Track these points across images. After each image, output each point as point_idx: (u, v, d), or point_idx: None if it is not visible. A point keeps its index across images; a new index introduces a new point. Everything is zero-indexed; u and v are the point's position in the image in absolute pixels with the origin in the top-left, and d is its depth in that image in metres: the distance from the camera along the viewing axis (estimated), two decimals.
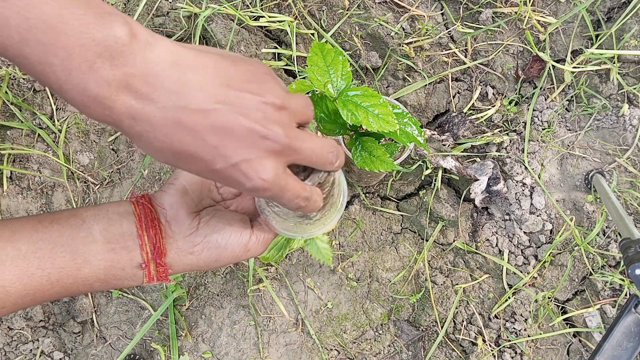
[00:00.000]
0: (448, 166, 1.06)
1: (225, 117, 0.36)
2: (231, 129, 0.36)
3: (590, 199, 1.07)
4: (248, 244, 0.50)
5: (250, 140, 0.37)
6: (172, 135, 0.35)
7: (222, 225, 0.49)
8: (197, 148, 0.36)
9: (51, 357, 1.04)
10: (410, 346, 1.06)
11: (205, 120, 0.35)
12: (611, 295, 1.04)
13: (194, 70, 0.35)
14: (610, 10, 1.11)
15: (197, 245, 0.48)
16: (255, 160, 0.37)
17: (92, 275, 0.45)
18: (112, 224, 0.46)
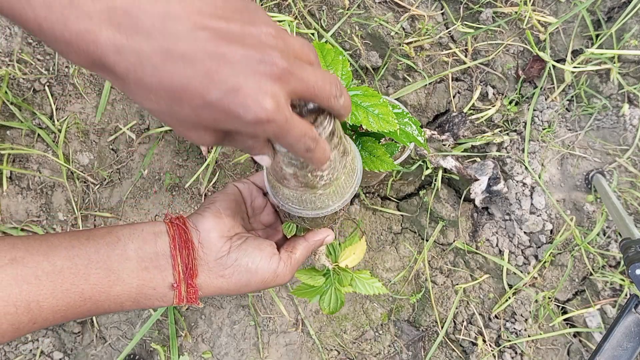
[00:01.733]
0: (448, 166, 1.06)
1: (217, 42, 0.32)
2: (223, 54, 0.32)
3: (591, 199, 1.07)
4: (277, 269, 0.51)
5: (245, 65, 0.32)
6: (161, 67, 0.31)
7: (253, 249, 0.50)
8: (189, 78, 0.32)
9: (51, 357, 1.04)
10: (410, 346, 1.06)
11: (195, 47, 0.31)
12: (611, 295, 1.04)
13: (180, 1, 0.32)
14: (610, 10, 1.11)
15: (227, 268, 0.49)
16: (253, 86, 0.32)
17: (124, 293, 0.45)
18: (146, 243, 0.47)
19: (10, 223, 1.05)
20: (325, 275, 0.70)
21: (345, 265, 0.70)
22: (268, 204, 0.61)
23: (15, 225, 1.05)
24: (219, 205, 0.52)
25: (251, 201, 0.58)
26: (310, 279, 0.68)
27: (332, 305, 0.70)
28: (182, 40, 0.31)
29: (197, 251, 0.48)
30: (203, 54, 0.32)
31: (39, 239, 0.44)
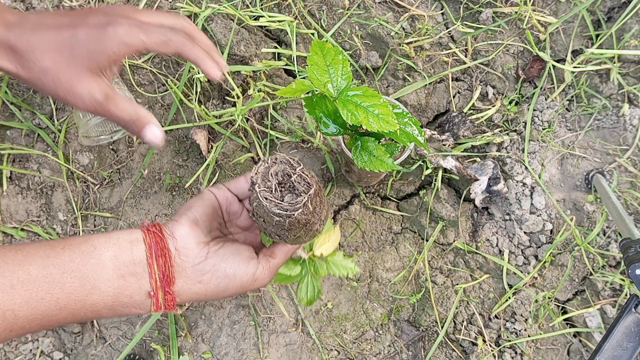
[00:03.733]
0: (448, 166, 1.06)
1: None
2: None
3: (591, 199, 1.07)
4: (256, 273, 0.51)
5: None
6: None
7: (230, 254, 0.51)
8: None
9: (51, 357, 1.04)
10: (410, 346, 1.06)
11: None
12: (611, 295, 1.04)
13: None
14: (610, 10, 1.11)
15: (205, 274, 0.49)
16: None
17: (101, 301, 0.45)
18: (122, 251, 0.47)
19: (10, 223, 1.05)
20: (301, 265, 0.70)
21: (320, 254, 0.70)
22: (245, 209, 0.61)
23: (15, 225, 1.05)
24: (195, 211, 0.52)
25: (227, 207, 0.58)
26: (287, 268, 0.67)
27: (310, 295, 0.70)
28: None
29: (173, 258, 0.48)
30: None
31: (14, 249, 0.44)
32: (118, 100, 0.51)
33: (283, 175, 0.46)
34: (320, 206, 0.49)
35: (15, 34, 0.48)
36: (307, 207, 0.45)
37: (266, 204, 0.45)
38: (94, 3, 1.08)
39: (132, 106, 0.52)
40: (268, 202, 0.45)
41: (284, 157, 0.47)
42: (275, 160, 0.47)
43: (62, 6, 1.09)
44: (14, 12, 0.50)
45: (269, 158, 0.47)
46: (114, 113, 0.50)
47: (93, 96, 0.49)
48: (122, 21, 0.48)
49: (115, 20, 0.48)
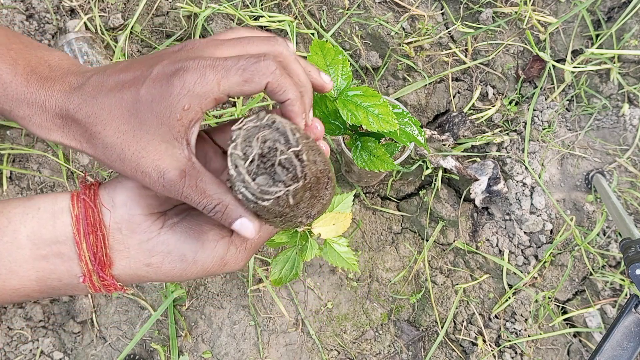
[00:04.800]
0: (448, 166, 1.06)
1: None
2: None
3: (591, 199, 1.07)
4: (226, 256, 0.41)
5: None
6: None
7: (192, 232, 0.40)
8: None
9: (51, 357, 1.04)
10: (410, 346, 1.06)
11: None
12: (611, 296, 1.04)
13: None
14: (610, 10, 1.11)
15: (155, 255, 0.39)
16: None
17: (23, 287, 0.38)
18: (42, 226, 0.38)
19: None
20: (291, 235, 0.59)
21: (318, 234, 0.60)
22: (226, 169, 0.48)
23: None
24: None
25: (204, 163, 0.44)
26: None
27: (284, 274, 0.60)
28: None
29: (112, 234, 0.38)
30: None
31: None
32: (200, 180, 0.37)
33: (271, 147, 0.35)
34: (309, 201, 0.38)
35: (75, 102, 0.37)
36: (283, 200, 0.35)
37: (233, 174, 0.35)
38: (95, 3, 1.08)
39: (221, 191, 0.37)
40: (236, 172, 0.35)
41: (284, 126, 0.35)
42: (272, 124, 0.36)
43: (62, 7, 1.09)
44: (79, 73, 0.40)
45: (268, 117, 0.36)
46: (193, 198, 0.37)
47: (162, 174, 0.36)
48: (191, 65, 0.36)
49: (183, 66, 0.36)
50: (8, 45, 0.41)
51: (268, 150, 0.35)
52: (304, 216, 0.40)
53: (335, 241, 0.62)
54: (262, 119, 0.36)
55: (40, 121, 0.39)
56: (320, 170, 0.38)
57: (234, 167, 0.35)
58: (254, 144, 0.35)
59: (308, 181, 0.36)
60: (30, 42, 0.43)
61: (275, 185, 0.35)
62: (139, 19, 1.10)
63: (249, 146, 0.35)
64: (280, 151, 0.35)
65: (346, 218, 0.61)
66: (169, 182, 0.36)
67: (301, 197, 0.36)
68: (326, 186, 0.39)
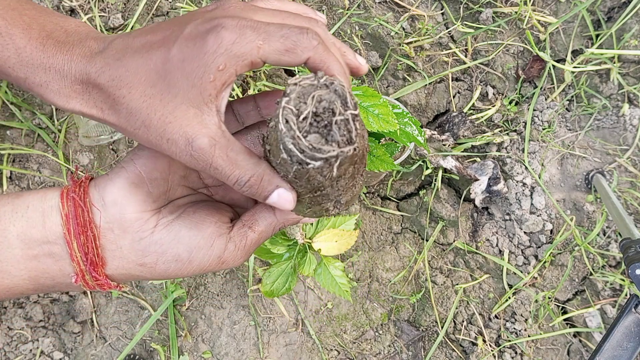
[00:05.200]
0: (448, 166, 1.06)
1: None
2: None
3: (591, 199, 1.07)
4: (223, 255, 0.39)
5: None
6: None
7: (188, 230, 0.38)
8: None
9: (51, 357, 1.04)
10: (410, 346, 1.06)
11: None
12: (611, 296, 1.04)
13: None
14: (610, 10, 1.11)
15: (149, 255, 0.37)
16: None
17: (17, 286, 0.37)
18: (32, 225, 0.36)
19: None
20: (289, 247, 0.56)
21: (319, 250, 0.57)
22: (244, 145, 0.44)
23: None
24: (142, 164, 0.38)
25: None
26: (271, 243, 0.55)
27: (276, 286, 0.57)
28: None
29: (103, 234, 0.36)
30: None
31: None
32: (231, 150, 0.34)
33: (326, 108, 0.33)
34: (347, 181, 0.36)
35: (97, 65, 0.35)
36: (330, 167, 0.32)
37: (282, 129, 0.32)
38: (95, 3, 1.08)
39: (254, 161, 0.35)
40: (287, 127, 0.32)
41: (342, 88, 0.33)
42: (330, 85, 0.33)
43: (62, 7, 1.09)
44: (99, 38, 0.38)
45: (326, 77, 0.33)
46: (224, 169, 0.34)
47: (191, 141, 0.33)
48: (229, 23, 0.33)
49: (219, 24, 0.33)
50: (21, 10, 0.38)
51: (323, 110, 0.33)
52: (333, 201, 0.37)
53: (332, 262, 0.58)
54: (321, 78, 0.33)
55: (58, 88, 0.36)
56: (365, 147, 0.36)
57: (284, 121, 0.32)
58: (309, 101, 0.32)
59: (357, 152, 0.33)
60: (44, 9, 0.40)
61: (329, 144, 0.32)
62: (139, 19, 1.10)
63: (303, 103, 0.33)
64: (339, 112, 0.32)
65: (351, 236, 0.57)
66: (197, 151, 0.33)
67: (345, 171, 0.34)
68: (362, 171, 0.37)
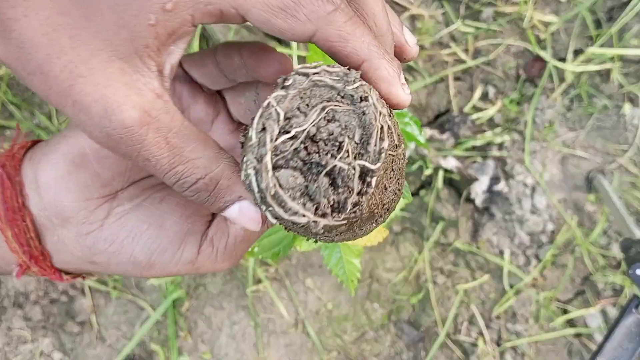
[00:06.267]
0: (449, 166, 1.06)
1: None
2: None
3: (592, 199, 1.07)
4: (197, 260, 0.29)
5: None
6: None
7: (147, 228, 0.28)
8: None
9: (51, 357, 1.03)
10: (410, 347, 1.05)
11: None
12: (612, 296, 1.03)
13: None
14: (610, 10, 1.11)
15: (98, 254, 0.28)
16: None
17: None
18: None
19: None
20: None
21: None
22: (222, 116, 0.33)
23: None
24: (82, 139, 0.28)
25: (181, 111, 0.28)
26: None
27: (263, 245, 0.46)
28: None
29: (38, 224, 0.28)
30: None
31: None
32: (175, 133, 0.23)
33: (332, 137, 0.21)
34: (345, 234, 0.25)
35: None
36: (303, 225, 0.22)
37: (252, 138, 0.21)
38: None
39: (209, 155, 0.24)
40: (256, 137, 0.21)
41: (373, 115, 0.21)
42: (359, 101, 0.22)
43: None
44: None
45: (360, 84, 0.22)
46: (159, 162, 0.23)
47: (110, 111, 0.21)
48: None
49: None
50: None
51: (327, 137, 0.21)
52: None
53: (351, 248, 0.49)
54: (350, 82, 0.21)
55: None
56: (384, 203, 0.24)
57: (259, 126, 0.21)
58: (312, 112, 0.21)
59: (355, 217, 0.22)
60: None
61: (301, 201, 0.21)
62: None
63: (301, 110, 0.21)
64: (348, 154, 0.20)
65: (380, 232, 0.47)
66: (119, 128, 0.21)
67: (335, 230, 0.23)
68: (376, 219, 0.26)
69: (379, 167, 0.21)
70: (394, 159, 0.23)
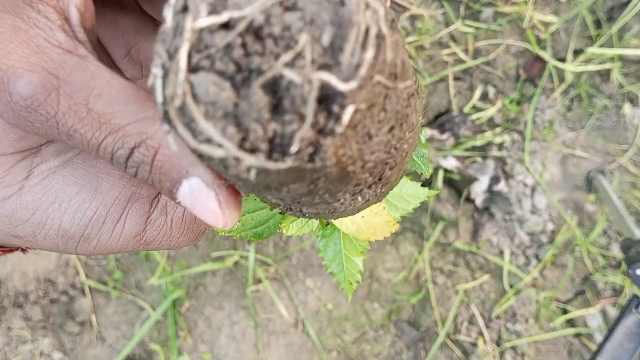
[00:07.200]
0: (449, 166, 1.06)
1: None
2: None
3: (592, 198, 1.07)
4: (144, 232, 0.23)
5: None
6: None
7: (78, 190, 0.22)
8: None
9: (51, 357, 1.03)
10: (410, 347, 1.05)
11: None
12: (612, 296, 1.03)
13: None
14: (610, 10, 1.11)
15: (19, 225, 0.23)
16: None
17: None
18: None
19: None
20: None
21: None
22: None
23: None
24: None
25: (126, 48, 0.25)
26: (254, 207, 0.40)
27: (304, 226, 0.39)
28: None
29: None
30: None
31: None
32: (96, 96, 0.18)
33: (285, 33, 0.14)
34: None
35: None
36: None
37: (163, 30, 0.15)
38: None
39: (142, 115, 0.18)
40: (168, 28, 0.15)
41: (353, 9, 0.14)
42: None
43: None
44: None
45: None
46: (78, 133, 0.18)
47: (7, 81, 0.17)
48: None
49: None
50: None
51: (280, 34, 0.14)
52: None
53: (354, 242, 0.41)
54: None
55: None
56: (367, 162, 0.17)
57: (178, 3, 0.14)
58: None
59: (314, 170, 0.15)
60: None
61: (220, 124, 0.14)
62: None
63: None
64: (300, 63, 0.14)
65: (387, 224, 0.38)
66: (20, 100, 0.17)
67: (284, 188, 0.16)
68: (360, 189, 0.19)
69: (353, 91, 0.14)
70: (390, 95, 0.15)
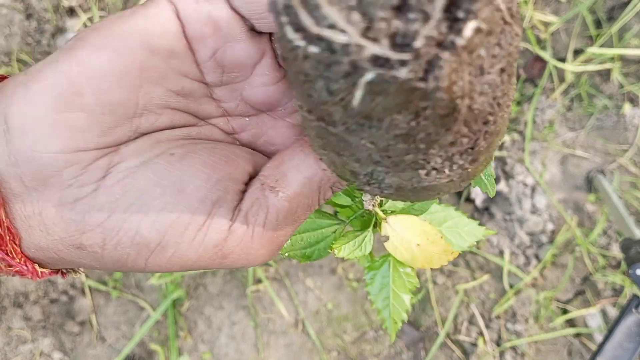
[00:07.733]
0: None
1: None
2: None
3: (592, 198, 1.07)
4: (225, 244, 0.21)
5: None
6: None
7: (162, 191, 0.20)
8: None
9: (51, 357, 1.03)
10: (410, 347, 1.05)
11: None
12: (612, 296, 1.03)
13: None
14: (611, 10, 1.11)
15: (89, 232, 0.20)
16: None
17: None
18: None
19: None
20: (350, 206, 0.36)
21: (385, 236, 0.36)
22: (266, 58, 0.23)
23: None
24: (87, 60, 0.20)
25: (214, 48, 0.22)
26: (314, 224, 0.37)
27: (356, 249, 0.35)
28: None
29: (3, 187, 0.20)
30: None
31: None
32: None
33: None
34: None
35: None
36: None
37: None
38: (94, 2, 1.08)
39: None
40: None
41: None
42: None
43: (61, 6, 1.09)
44: None
45: None
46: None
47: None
48: None
49: None
50: None
51: None
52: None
53: (404, 278, 0.37)
54: None
55: None
56: (484, 93, 0.15)
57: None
58: None
59: (436, 79, 0.13)
60: None
61: (344, 10, 0.13)
62: None
63: None
64: None
65: (446, 251, 0.35)
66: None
67: (390, 112, 0.15)
68: (486, 128, 0.17)
69: (479, 9, 0.13)
70: (505, 31, 0.14)
